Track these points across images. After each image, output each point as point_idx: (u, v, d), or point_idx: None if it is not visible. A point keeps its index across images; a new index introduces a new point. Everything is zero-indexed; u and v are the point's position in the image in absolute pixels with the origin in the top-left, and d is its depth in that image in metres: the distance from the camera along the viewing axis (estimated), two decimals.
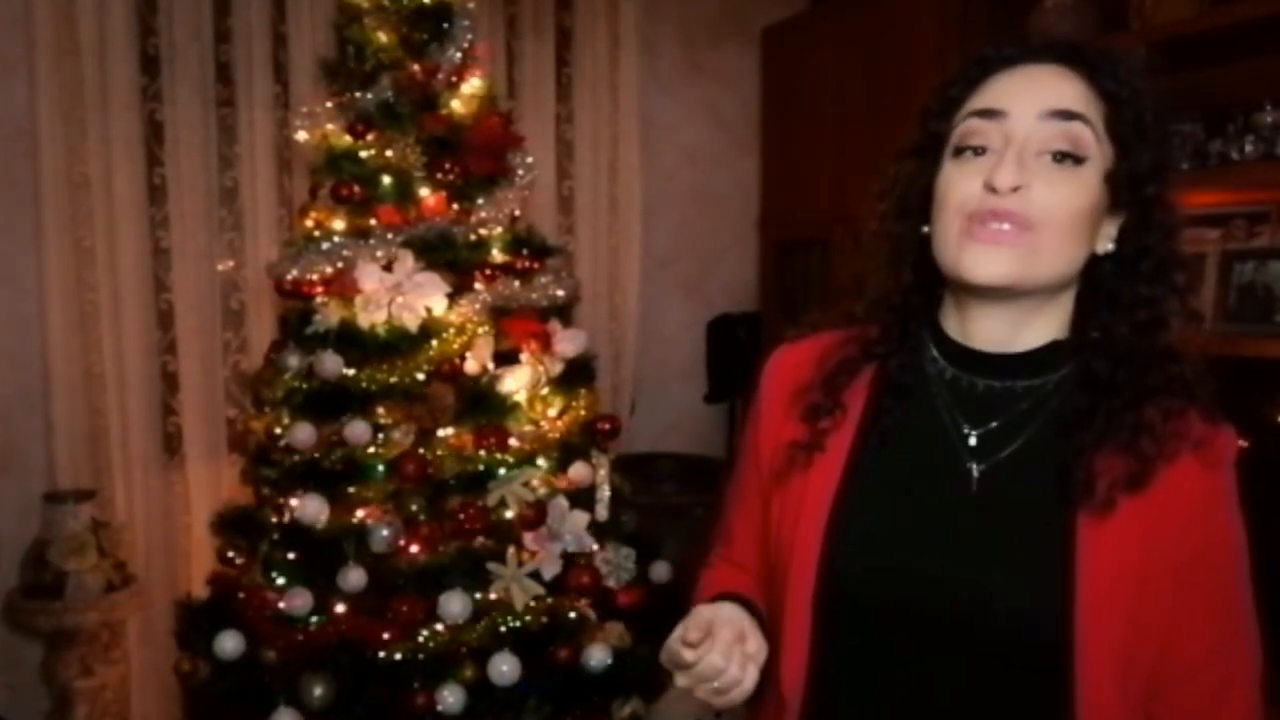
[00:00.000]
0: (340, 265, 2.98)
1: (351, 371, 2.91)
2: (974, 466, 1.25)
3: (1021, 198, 1.15)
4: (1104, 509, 1.16)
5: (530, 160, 3.33)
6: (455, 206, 3.09)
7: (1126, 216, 1.21)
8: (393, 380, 2.92)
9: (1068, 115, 1.17)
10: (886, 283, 1.33)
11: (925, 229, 1.26)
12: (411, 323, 2.91)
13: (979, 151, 1.20)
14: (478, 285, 3.05)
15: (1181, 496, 1.18)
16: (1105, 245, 1.22)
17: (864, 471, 1.29)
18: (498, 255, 3.13)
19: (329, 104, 3.15)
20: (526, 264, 3.18)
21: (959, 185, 1.20)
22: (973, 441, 1.26)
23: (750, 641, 1.21)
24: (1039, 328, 1.25)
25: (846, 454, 1.30)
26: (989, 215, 1.16)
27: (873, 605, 1.24)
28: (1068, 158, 1.17)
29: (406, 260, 2.92)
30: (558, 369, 3.13)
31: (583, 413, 3.17)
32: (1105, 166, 1.19)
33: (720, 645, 1.17)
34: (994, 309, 1.24)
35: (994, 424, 1.26)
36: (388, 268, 2.93)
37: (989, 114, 1.20)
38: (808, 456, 1.31)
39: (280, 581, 2.93)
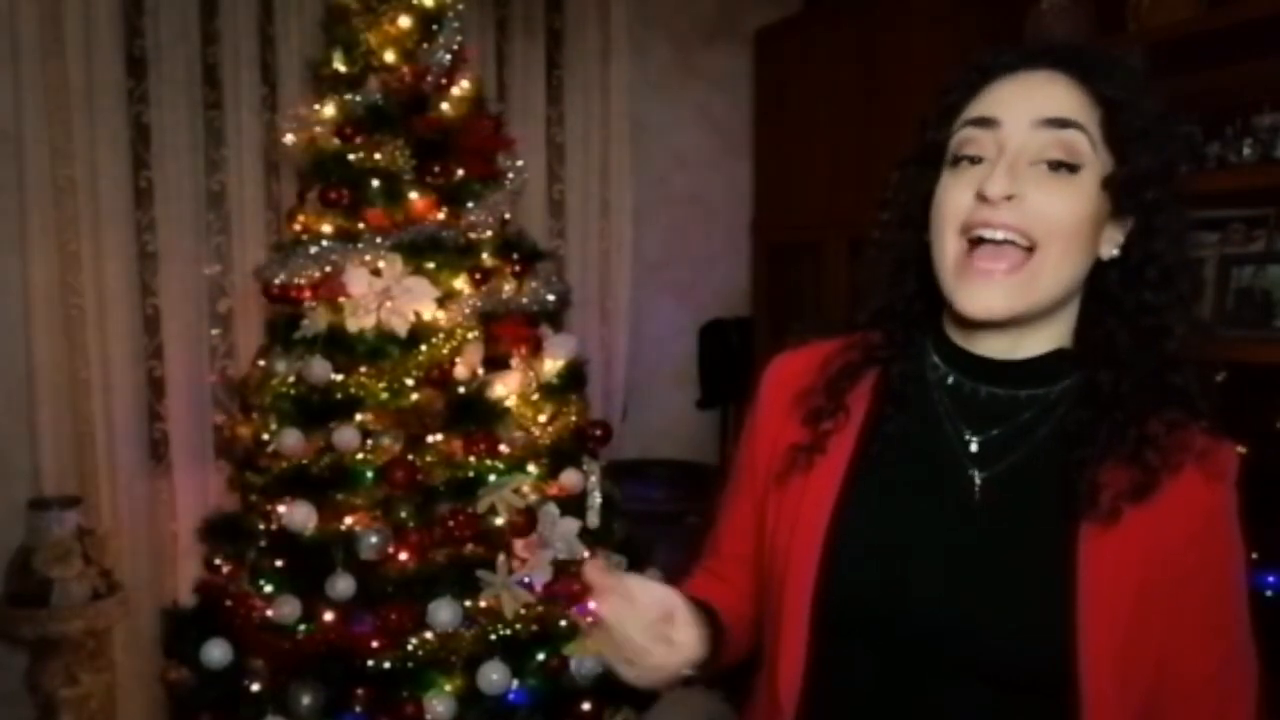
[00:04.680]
0: (328, 269, 2.96)
1: (340, 377, 2.89)
2: (976, 474, 1.24)
3: (1015, 207, 1.14)
4: (1107, 521, 1.14)
5: (520, 163, 3.33)
6: (445, 210, 3.06)
7: (1133, 222, 1.19)
8: (382, 386, 2.90)
9: (1061, 123, 1.15)
10: (889, 291, 1.32)
11: (927, 237, 1.24)
12: (400, 327, 2.89)
13: (974, 160, 1.19)
14: (467, 290, 3.03)
15: (1185, 509, 1.17)
16: (1110, 251, 1.20)
17: (864, 478, 1.28)
18: (488, 259, 3.12)
19: (317, 106, 3.13)
20: (517, 268, 3.16)
21: (953, 195, 1.20)
22: (974, 448, 1.25)
23: (678, 629, 1.19)
24: (1042, 336, 1.24)
25: (847, 459, 1.29)
26: (982, 225, 1.15)
27: (870, 615, 1.22)
28: (1063, 166, 1.15)
29: (395, 264, 2.91)
30: (548, 374, 3.11)
31: (573, 418, 3.16)
32: (1103, 172, 1.17)
33: (639, 618, 1.16)
34: (995, 327, 1.23)
35: (996, 432, 1.24)
36: (376, 272, 2.91)
37: (983, 123, 1.19)
38: (809, 458, 1.30)
39: (268, 589, 2.92)
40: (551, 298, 3.22)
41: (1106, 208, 1.18)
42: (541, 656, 2.95)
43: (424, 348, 2.92)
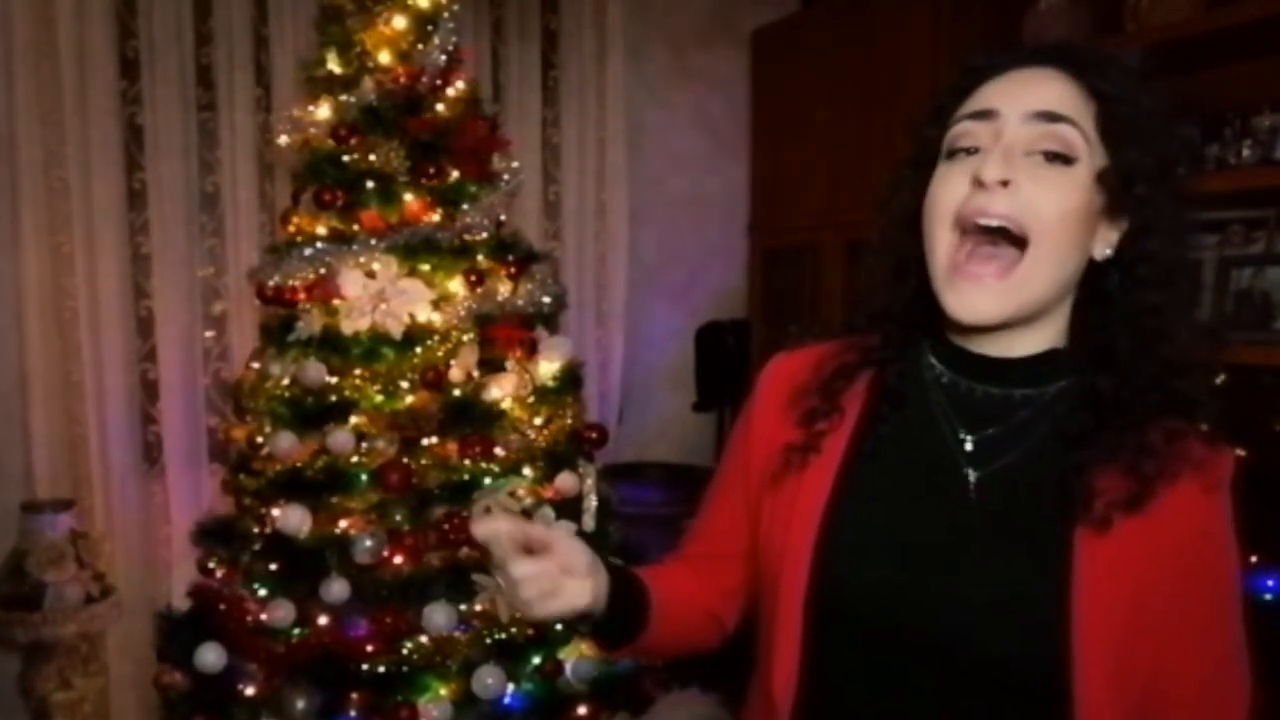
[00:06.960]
0: (323, 271, 2.94)
1: (334, 379, 2.88)
2: (971, 473, 1.23)
3: (1010, 194, 1.14)
4: (1100, 527, 1.14)
5: (516, 165, 3.32)
6: (440, 212, 3.05)
7: (1129, 221, 1.19)
8: (376, 388, 2.89)
9: (1053, 118, 1.16)
10: (888, 294, 1.32)
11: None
12: (395, 330, 2.88)
13: (970, 152, 1.20)
14: (462, 292, 3.01)
15: (1181, 519, 1.16)
16: (1104, 251, 1.20)
17: (858, 477, 1.27)
18: (483, 261, 3.10)
19: (311, 107, 3.11)
20: (512, 270, 3.14)
21: (947, 185, 1.20)
22: (969, 447, 1.25)
23: (575, 582, 1.21)
24: (1038, 334, 1.24)
25: (841, 458, 1.29)
26: (977, 213, 1.16)
27: (864, 615, 1.22)
28: (1058, 158, 1.16)
29: (390, 266, 2.89)
30: (544, 377, 3.10)
31: (569, 421, 3.14)
32: (1098, 167, 1.17)
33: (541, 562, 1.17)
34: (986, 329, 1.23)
35: (991, 431, 1.24)
36: (371, 274, 2.90)
37: (980, 115, 1.20)
38: (803, 458, 1.30)
39: (262, 593, 2.91)
40: (547, 300, 3.20)
41: (1100, 203, 1.18)
42: (537, 660, 2.93)
43: (419, 350, 2.91)
